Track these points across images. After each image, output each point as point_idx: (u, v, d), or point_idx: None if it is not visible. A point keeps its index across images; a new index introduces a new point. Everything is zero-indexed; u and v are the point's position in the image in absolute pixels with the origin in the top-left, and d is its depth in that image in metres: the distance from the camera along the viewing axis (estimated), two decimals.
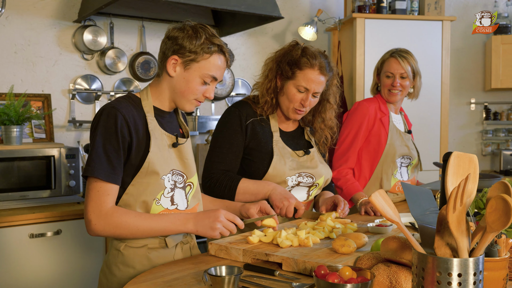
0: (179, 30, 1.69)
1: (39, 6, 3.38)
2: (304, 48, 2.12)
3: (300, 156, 2.19)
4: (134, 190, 1.66)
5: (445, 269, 1.06)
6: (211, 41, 1.69)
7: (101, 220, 1.59)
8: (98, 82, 3.58)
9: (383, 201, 1.15)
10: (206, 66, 1.69)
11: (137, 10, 3.56)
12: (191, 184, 1.81)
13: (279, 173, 2.11)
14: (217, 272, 1.32)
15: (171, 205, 1.72)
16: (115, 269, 1.70)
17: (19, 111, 2.99)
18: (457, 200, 1.02)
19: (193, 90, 1.71)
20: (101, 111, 1.64)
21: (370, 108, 2.73)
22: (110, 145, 1.60)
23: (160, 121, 1.74)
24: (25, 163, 2.92)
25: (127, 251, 1.70)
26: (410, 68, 2.72)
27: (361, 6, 4.18)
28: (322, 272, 1.26)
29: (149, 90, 1.76)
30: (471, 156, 1.17)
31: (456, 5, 4.95)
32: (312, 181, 2.19)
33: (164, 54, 1.71)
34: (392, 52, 2.77)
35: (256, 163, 2.13)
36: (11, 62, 3.30)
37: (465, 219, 1.07)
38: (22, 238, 2.68)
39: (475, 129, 5.07)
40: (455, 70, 4.93)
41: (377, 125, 2.72)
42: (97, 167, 1.58)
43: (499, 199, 1.01)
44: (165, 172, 1.69)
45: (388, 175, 2.70)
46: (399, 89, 2.73)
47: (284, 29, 4.49)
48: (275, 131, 2.17)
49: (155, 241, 1.71)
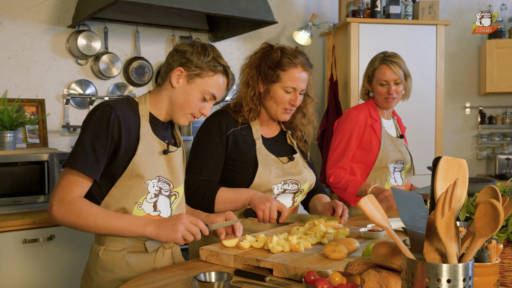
0: (188, 45, 1.74)
1: (33, 12, 3.37)
2: (282, 48, 2.10)
3: (284, 162, 2.16)
4: (117, 192, 1.66)
5: (434, 275, 1.06)
6: (218, 61, 1.74)
7: (62, 207, 1.57)
8: (92, 87, 3.58)
9: (372, 206, 1.14)
10: (209, 83, 1.73)
11: (131, 15, 3.56)
12: (176, 194, 1.80)
13: (265, 182, 2.07)
14: (207, 278, 1.31)
15: (154, 211, 1.71)
16: (94, 274, 1.70)
17: (12, 116, 2.98)
18: (445, 206, 1.02)
19: (191, 104, 1.73)
20: (96, 107, 1.66)
21: (359, 116, 2.71)
22: (99, 140, 1.60)
23: (154, 127, 1.75)
24: (19, 168, 2.91)
25: (106, 256, 1.69)
26: (402, 72, 2.71)
27: (355, 10, 4.18)
28: (311, 278, 1.25)
29: (148, 97, 1.78)
30: (461, 161, 1.17)
31: (450, 9, 4.97)
32: (297, 187, 2.17)
33: (169, 65, 1.74)
34: (382, 58, 2.73)
35: (239, 174, 2.09)
36: (5, 67, 3.29)
37: (453, 225, 1.06)
38: (15, 243, 2.67)
39: (470, 133, 5.08)
40: (450, 74, 4.94)
41: (368, 132, 2.71)
42: (80, 160, 1.58)
43: (488, 204, 1.01)
44: (150, 177, 1.68)
45: (382, 180, 2.70)
46: (394, 97, 2.72)
47: (279, 34, 4.49)
48: (257, 138, 2.14)
49: (134, 245, 1.70)
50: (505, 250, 1.40)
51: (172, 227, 1.61)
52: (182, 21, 3.81)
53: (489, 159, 5.04)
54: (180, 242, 1.62)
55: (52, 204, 1.59)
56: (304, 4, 4.64)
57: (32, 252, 2.70)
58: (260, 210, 1.94)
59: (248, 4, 3.40)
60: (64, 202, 1.58)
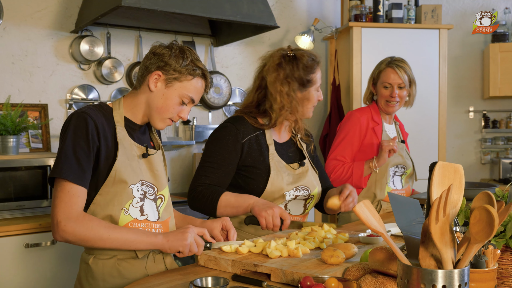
0: (166, 48, 1.72)
1: (37, 17, 3.40)
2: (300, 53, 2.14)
3: (295, 169, 2.17)
4: (101, 200, 1.64)
5: (429, 281, 1.05)
6: (196, 64, 1.72)
7: (71, 223, 1.53)
8: (95, 92, 3.59)
9: (367, 211, 1.14)
10: (187, 87, 1.72)
11: (134, 20, 3.58)
12: (162, 197, 1.79)
13: (277, 189, 2.08)
14: (203, 283, 1.31)
15: (141, 215, 1.70)
16: (85, 284, 1.68)
17: (15, 121, 3.00)
18: (439, 211, 1.02)
19: (169, 108, 1.72)
20: (70, 116, 1.64)
21: (361, 118, 2.73)
22: (80, 147, 1.58)
23: (130, 132, 1.73)
24: (22, 173, 2.92)
25: (96, 264, 1.67)
26: (407, 77, 2.72)
27: (358, 15, 4.19)
28: (308, 283, 1.25)
29: (122, 102, 1.76)
30: (457, 166, 1.17)
31: (453, 13, 4.96)
32: (308, 193, 2.17)
33: (146, 68, 1.72)
34: (388, 62, 2.76)
35: (254, 180, 2.09)
36: (9, 72, 3.32)
37: (448, 230, 1.06)
38: (18, 247, 2.68)
39: (474, 137, 5.06)
40: (453, 78, 4.93)
41: (369, 135, 2.72)
42: (66, 168, 1.56)
43: (483, 210, 1.01)
44: (134, 181, 1.68)
45: (382, 184, 2.70)
46: (397, 100, 2.73)
47: (282, 38, 4.50)
48: (270, 144, 2.14)
49: (124, 252, 1.68)
50: (503, 255, 1.39)
51: (182, 235, 1.62)
52: (184, 26, 3.82)
53: (493, 163, 5.02)
54: (187, 250, 1.62)
55: (60, 221, 1.53)
56: (307, 8, 4.64)
57: (34, 257, 2.71)
58: (263, 218, 1.93)
59: (250, 9, 3.41)
60: (72, 218, 1.54)
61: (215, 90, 4.05)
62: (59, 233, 1.54)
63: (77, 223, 1.54)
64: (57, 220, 1.54)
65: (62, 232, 1.53)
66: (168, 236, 1.62)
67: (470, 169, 5.01)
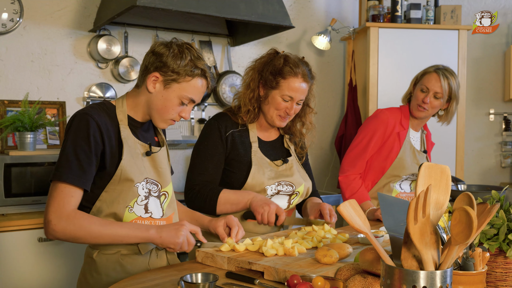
0: (165, 46, 1.69)
1: (56, 16, 3.47)
2: (286, 56, 2.12)
3: (278, 165, 2.19)
4: (107, 197, 1.67)
5: (410, 281, 1.05)
6: (195, 64, 1.69)
7: (62, 221, 1.54)
8: (112, 90, 3.65)
9: (352, 211, 1.14)
10: (186, 88, 1.70)
11: (151, 19, 3.62)
12: (165, 193, 1.81)
13: (258, 183, 2.12)
14: (193, 279, 1.33)
15: (145, 213, 1.72)
16: (89, 278, 1.71)
17: (33, 118, 3.07)
18: (417, 212, 1.02)
19: (169, 109, 1.71)
20: (73, 117, 1.65)
21: (390, 119, 2.67)
22: (81, 149, 1.59)
23: (134, 130, 1.75)
24: (38, 169, 2.99)
25: (100, 259, 1.70)
26: (448, 89, 2.62)
27: (375, 15, 4.16)
28: (295, 281, 1.26)
29: (125, 99, 1.77)
30: (443, 167, 1.16)
31: (475, 13, 4.87)
32: (292, 189, 2.19)
33: (146, 68, 1.71)
34: (437, 67, 2.68)
35: (235, 174, 2.14)
36: (28, 70, 3.40)
37: (429, 231, 1.06)
38: (31, 241, 2.75)
39: (494, 140, 4.97)
40: (473, 80, 4.85)
41: (392, 138, 2.67)
42: (66, 172, 1.57)
43: (462, 211, 1.00)
44: (139, 180, 1.69)
45: (390, 188, 2.67)
46: (426, 108, 2.64)
47: (299, 38, 4.50)
48: (254, 142, 2.18)
49: (128, 247, 1.71)
50: (497, 259, 1.38)
51: (175, 231, 1.62)
52: (201, 25, 3.86)
53: None
54: (177, 247, 1.63)
55: (50, 219, 1.55)
56: (325, 9, 4.63)
57: (47, 251, 2.78)
58: (259, 214, 2.00)
59: (265, 9, 3.42)
60: (63, 217, 1.55)
61: (231, 89, 4.07)
62: (49, 232, 1.56)
63: (68, 222, 1.55)
64: (48, 219, 1.56)
65: (52, 231, 1.55)
66: (161, 232, 1.62)
67: (489, 172, 4.92)
